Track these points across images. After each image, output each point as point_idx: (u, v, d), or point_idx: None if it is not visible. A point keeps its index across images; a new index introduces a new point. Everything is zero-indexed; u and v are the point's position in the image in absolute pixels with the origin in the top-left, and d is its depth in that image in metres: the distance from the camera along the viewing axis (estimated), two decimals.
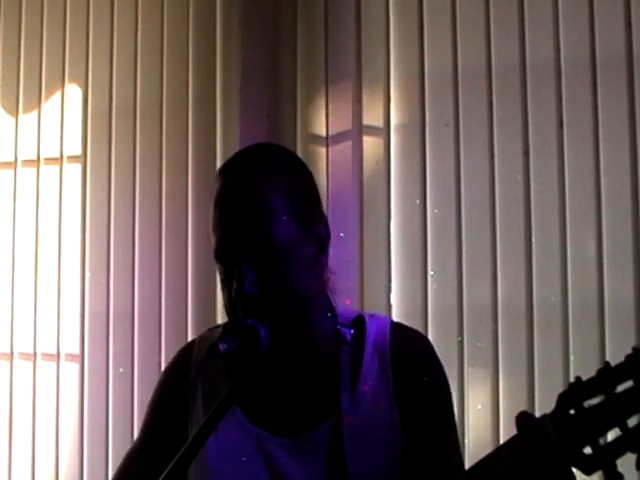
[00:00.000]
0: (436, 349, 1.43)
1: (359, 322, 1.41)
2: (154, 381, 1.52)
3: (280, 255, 1.27)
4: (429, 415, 1.35)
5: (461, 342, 2.18)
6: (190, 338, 2.39)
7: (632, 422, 0.98)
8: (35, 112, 2.74)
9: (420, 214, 2.25)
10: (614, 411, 0.97)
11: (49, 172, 2.73)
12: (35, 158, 2.74)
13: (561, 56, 2.15)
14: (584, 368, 1.70)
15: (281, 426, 1.35)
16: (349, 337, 1.37)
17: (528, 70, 2.18)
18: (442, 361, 1.42)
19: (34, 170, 2.74)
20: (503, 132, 2.19)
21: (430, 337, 2.17)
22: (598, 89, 2.11)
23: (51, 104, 2.72)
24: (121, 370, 2.54)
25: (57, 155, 2.72)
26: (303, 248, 1.31)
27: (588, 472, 0.99)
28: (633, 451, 0.96)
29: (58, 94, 2.71)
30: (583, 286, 2.08)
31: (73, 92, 2.70)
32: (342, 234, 2.28)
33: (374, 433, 1.32)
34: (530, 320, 2.11)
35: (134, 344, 2.53)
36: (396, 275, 2.26)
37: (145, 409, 1.50)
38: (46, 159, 2.73)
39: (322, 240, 1.35)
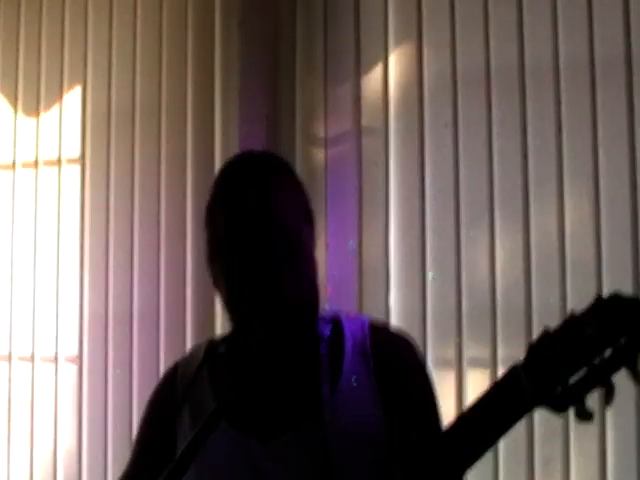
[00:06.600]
0: (418, 347, 1.43)
1: (336, 320, 1.41)
2: (153, 382, 1.52)
3: (288, 253, 1.31)
4: (414, 410, 1.34)
5: (460, 343, 2.18)
6: (189, 339, 2.44)
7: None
8: (34, 114, 2.74)
9: (419, 215, 2.25)
10: (580, 354, 1.05)
11: (48, 174, 2.73)
12: (34, 160, 2.74)
13: (560, 58, 2.16)
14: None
15: (263, 428, 1.34)
16: (327, 334, 1.37)
17: (527, 72, 2.18)
18: (425, 360, 1.46)
19: (33, 172, 2.74)
20: (502, 133, 2.19)
21: (429, 338, 2.21)
22: (597, 91, 2.11)
23: (50, 106, 2.73)
24: (119, 372, 2.54)
25: (56, 157, 2.72)
26: (305, 247, 1.35)
27: (560, 409, 1.07)
28: (599, 386, 1.04)
29: (57, 96, 2.71)
30: (582, 287, 2.08)
31: (72, 94, 2.70)
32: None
33: (358, 428, 1.31)
34: (529, 321, 2.11)
35: (133, 346, 2.53)
36: (395, 276, 2.26)
37: (143, 410, 1.50)
38: (45, 161, 2.74)
39: (314, 238, 1.39)
